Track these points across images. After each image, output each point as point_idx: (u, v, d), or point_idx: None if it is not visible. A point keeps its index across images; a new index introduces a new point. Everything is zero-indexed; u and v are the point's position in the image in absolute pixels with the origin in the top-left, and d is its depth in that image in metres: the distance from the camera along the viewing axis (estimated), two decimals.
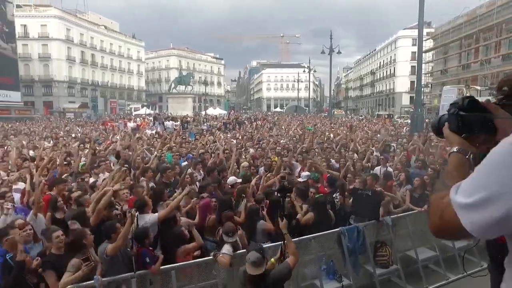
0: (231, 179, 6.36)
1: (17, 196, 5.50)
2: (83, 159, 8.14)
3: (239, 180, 6.30)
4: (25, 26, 52.43)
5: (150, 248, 4.01)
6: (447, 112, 1.11)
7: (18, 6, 51.26)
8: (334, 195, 5.88)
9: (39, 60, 53.79)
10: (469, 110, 1.02)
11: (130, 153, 9.28)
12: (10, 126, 24.31)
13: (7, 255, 3.65)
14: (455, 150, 1.04)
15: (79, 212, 4.37)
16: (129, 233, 3.92)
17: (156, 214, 4.61)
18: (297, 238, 4.67)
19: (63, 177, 6.26)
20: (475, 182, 0.80)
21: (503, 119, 1.03)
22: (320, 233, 4.82)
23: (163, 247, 4.50)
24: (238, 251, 4.21)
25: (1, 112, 38.70)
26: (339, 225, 5.15)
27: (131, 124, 23.35)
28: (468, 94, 16.95)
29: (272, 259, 3.60)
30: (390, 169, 7.85)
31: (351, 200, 5.76)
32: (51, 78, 53.77)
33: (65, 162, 7.29)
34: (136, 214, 4.21)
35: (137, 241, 3.98)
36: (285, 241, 3.67)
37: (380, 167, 8.08)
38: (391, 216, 5.51)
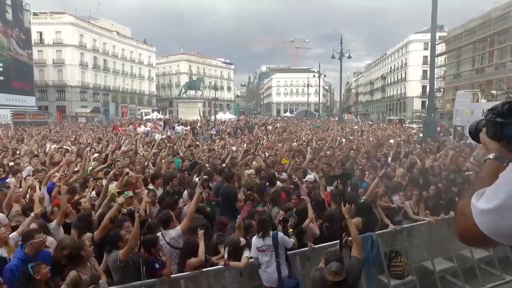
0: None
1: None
2: (92, 163, 8.17)
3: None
4: (40, 33, 53.80)
5: (159, 256, 3.92)
6: (484, 117, 1.04)
7: (34, 14, 52.68)
8: None
9: (53, 65, 55.03)
10: (509, 116, 0.95)
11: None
12: (24, 130, 24.68)
13: (29, 264, 3.52)
14: (491, 157, 0.99)
15: (83, 215, 4.27)
16: (139, 233, 3.82)
17: (179, 227, 4.49)
18: (309, 248, 4.55)
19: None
20: (496, 189, 0.81)
21: None
22: (332, 243, 4.67)
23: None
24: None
25: (16, 117, 39.52)
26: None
27: (141, 129, 23.55)
28: (483, 99, 16.49)
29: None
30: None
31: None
32: (64, 83, 54.89)
33: (76, 169, 7.34)
34: (142, 212, 4.11)
35: (144, 248, 3.91)
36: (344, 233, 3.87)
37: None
38: (406, 225, 5.32)
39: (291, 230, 4.38)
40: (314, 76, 61.65)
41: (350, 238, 3.87)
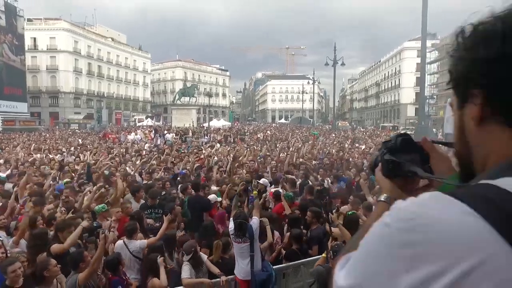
0: (211, 196, 6.17)
1: None
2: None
3: (219, 199, 6.24)
4: (34, 38, 53.56)
5: (125, 277, 3.69)
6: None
7: (29, 20, 52.50)
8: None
9: (47, 71, 54.69)
10: (403, 151, 0.80)
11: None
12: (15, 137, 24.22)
13: None
14: (382, 199, 0.82)
15: (38, 232, 3.98)
16: (103, 255, 3.61)
17: (145, 240, 4.40)
18: (284, 264, 4.36)
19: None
20: (354, 264, 0.58)
21: (439, 159, 0.82)
22: (310, 258, 4.47)
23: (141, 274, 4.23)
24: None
25: (6, 123, 39.01)
26: None
27: (131, 136, 23.19)
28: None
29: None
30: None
31: None
32: (58, 89, 54.53)
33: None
34: (108, 234, 3.92)
35: (109, 269, 3.67)
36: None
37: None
38: None
39: (255, 192, 4.43)
40: (308, 82, 61.84)
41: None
